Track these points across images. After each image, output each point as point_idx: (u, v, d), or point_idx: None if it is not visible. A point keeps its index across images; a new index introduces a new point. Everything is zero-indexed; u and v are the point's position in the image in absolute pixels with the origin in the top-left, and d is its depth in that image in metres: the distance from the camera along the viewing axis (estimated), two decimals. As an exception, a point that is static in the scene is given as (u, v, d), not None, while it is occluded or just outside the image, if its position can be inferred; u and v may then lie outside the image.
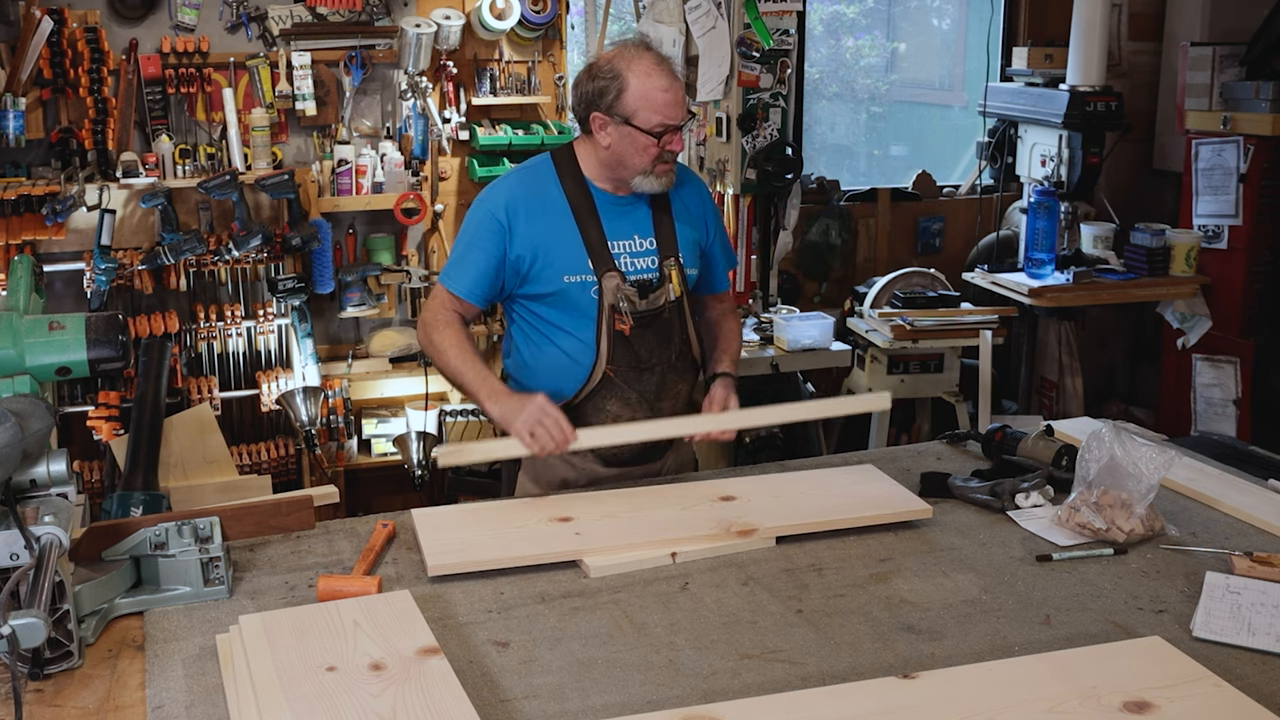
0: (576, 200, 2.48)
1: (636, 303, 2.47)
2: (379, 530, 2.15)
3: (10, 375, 1.89)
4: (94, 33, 3.92)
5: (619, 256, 2.48)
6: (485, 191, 2.55)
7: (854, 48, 6.24)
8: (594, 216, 2.48)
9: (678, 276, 2.52)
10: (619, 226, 2.50)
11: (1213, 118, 4.59)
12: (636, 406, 2.51)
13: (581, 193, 2.50)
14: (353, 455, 4.32)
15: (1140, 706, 1.56)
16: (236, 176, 4.02)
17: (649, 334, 2.49)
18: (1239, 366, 4.61)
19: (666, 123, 2.40)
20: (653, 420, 2.49)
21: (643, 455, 2.59)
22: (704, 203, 2.66)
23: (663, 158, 2.44)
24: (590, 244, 2.46)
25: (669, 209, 2.55)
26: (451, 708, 1.54)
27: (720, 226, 2.72)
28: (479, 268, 2.48)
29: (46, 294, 3.60)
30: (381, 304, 4.40)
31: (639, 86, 2.39)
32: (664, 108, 2.39)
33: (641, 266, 2.50)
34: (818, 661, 1.75)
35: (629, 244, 2.50)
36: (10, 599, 1.54)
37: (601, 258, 2.46)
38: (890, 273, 4.55)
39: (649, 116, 2.39)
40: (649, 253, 2.52)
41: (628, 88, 2.40)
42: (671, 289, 2.51)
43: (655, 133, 2.40)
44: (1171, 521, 2.21)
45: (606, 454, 2.57)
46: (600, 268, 2.45)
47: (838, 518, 2.19)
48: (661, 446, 2.62)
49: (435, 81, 4.33)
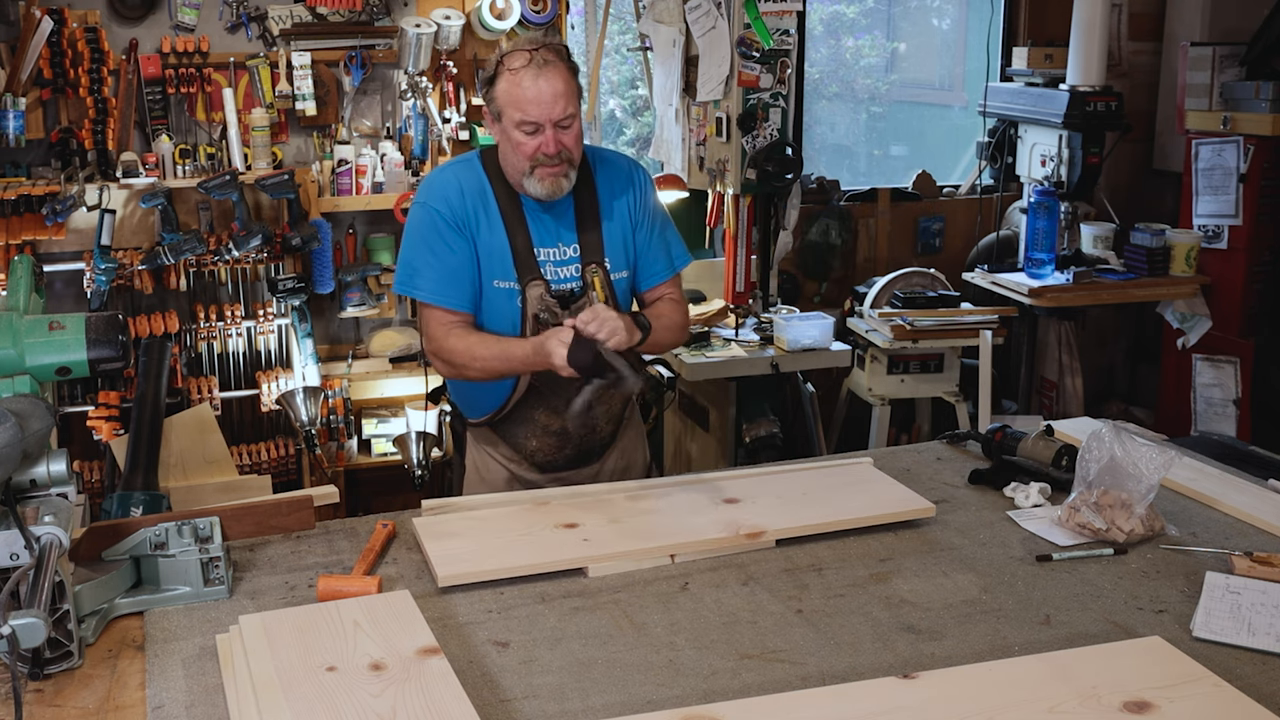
0: (505, 204, 2.41)
1: (559, 313, 2.38)
2: (379, 530, 2.15)
3: (10, 375, 1.89)
4: (94, 33, 3.92)
5: (544, 264, 2.41)
6: (425, 193, 2.44)
7: (854, 48, 6.25)
8: (521, 222, 2.40)
9: (600, 283, 2.43)
10: (544, 233, 2.42)
11: (1213, 118, 4.59)
12: (565, 415, 2.40)
13: (510, 197, 2.42)
14: (353, 455, 4.32)
15: (1140, 706, 1.56)
16: (236, 176, 4.02)
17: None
18: (1239, 366, 4.61)
19: (528, 119, 2.28)
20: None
21: (578, 459, 2.56)
22: (634, 191, 2.50)
23: (538, 160, 2.31)
24: (516, 250, 2.38)
25: (595, 211, 2.45)
26: (451, 708, 1.54)
27: (652, 212, 2.54)
28: (457, 271, 2.39)
29: (46, 294, 3.59)
30: (381, 304, 4.40)
31: (505, 81, 2.30)
32: (528, 104, 2.27)
33: (565, 275, 2.43)
34: (818, 661, 1.75)
35: (554, 251, 2.42)
36: (10, 599, 1.54)
37: (527, 265, 2.39)
38: (890, 273, 4.55)
39: (512, 113, 2.30)
40: (572, 260, 2.44)
41: (497, 82, 2.32)
42: (594, 296, 2.42)
43: (524, 131, 2.29)
44: (1171, 521, 2.21)
45: (541, 460, 2.55)
46: (525, 276, 2.38)
47: (844, 518, 2.19)
48: (598, 450, 2.59)
49: (435, 81, 4.33)
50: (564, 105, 2.30)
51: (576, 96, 2.35)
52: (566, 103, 2.31)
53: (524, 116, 2.29)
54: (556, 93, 2.29)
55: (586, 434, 2.54)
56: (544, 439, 2.53)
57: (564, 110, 2.30)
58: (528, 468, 2.57)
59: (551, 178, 2.34)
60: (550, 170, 2.33)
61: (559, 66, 2.31)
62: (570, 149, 2.34)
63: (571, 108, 2.33)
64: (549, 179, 2.34)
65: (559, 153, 2.32)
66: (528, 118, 2.29)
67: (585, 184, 2.47)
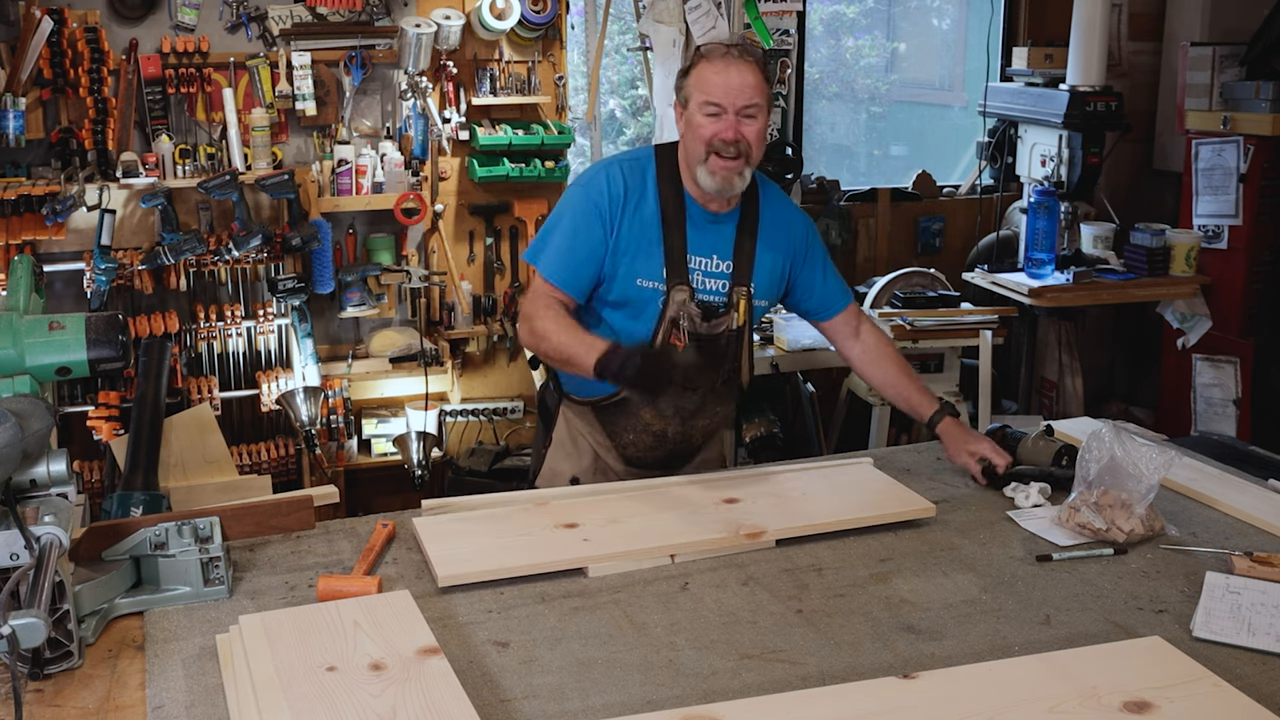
0: (668, 205, 2.41)
1: (698, 323, 2.41)
2: (379, 530, 2.15)
3: (10, 375, 1.89)
4: (94, 33, 3.92)
5: (694, 272, 2.42)
6: (587, 177, 2.47)
7: (854, 48, 6.25)
8: (680, 225, 2.41)
9: (745, 306, 2.45)
10: (702, 242, 2.43)
11: (1213, 118, 4.59)
12: (670, 419, 2.48)
13: (675, 198, 2.42)
14: (353, 455, 4.32)
15: (1140, 706, 1.56)
16: (236, 176, 4.02)
17: (701, 354, 2.42)
18: (1239, 366, 4.61)
19: (711, 101, 2.31)
20: None
21: (667, 462, 2.57)
22: (797, 228, 2.55)
23: (714, 147, 2.33)
24: (670, 252, 2.40)
25: (754, 234, 2.47)
26: (451, 708, 1.54)
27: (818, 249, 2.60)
28: (582, 259, 2.40)
29: (46, 294, 3.60)
30: (381, 304, 4.40)
31: (699, 69, 2.35)
32: (713, 87, 2.31)
33: (712, 288, 2.44)
34: (818, 661, 1.75)
35: (706, 261, 2.44)
36: (10, 599, 1.54)
37: (678, 269, 2.40)
38: (890, 273, 4.55)
39: (699, 95, 2.33)
40: (722, 275, 2.45)
41: (691, 70, 2.36)
42: (735, 317, 2.45)
43: (706, 113, 2.32)
44: (1171, 521, 2.21)
45: (631, 455, 2.56)
46: (673, 279, 2.40)
47: (843, 518, 2.19)
48: (688, 457, 2.60)
49: (435, 81, 4.33)
50: (750, 95, 2.33)
51: (765, 97, 2.37)
52: (753, 94, 2.33)
53: (708, 98, 2.32)
54: (745, 82, 2.32)
55: (682, 441, 2.55)
56: (641, 435, 2.53)
57: (749, 99, 2.33)
58: (616, 458, 2.57)
59: (724, 170, 2.35)
60: (725, 163, 2.34)
61: (751, 63, 2.35)
62: (750, 142, 2.35)
63: (758, 100, 2.34)
64: (721, 171, 2.35)
65: (737, 142, 2.33)
66: (712, 99, 2.32)
67: (750, 205, 2.49)
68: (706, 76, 2.33)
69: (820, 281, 2.61)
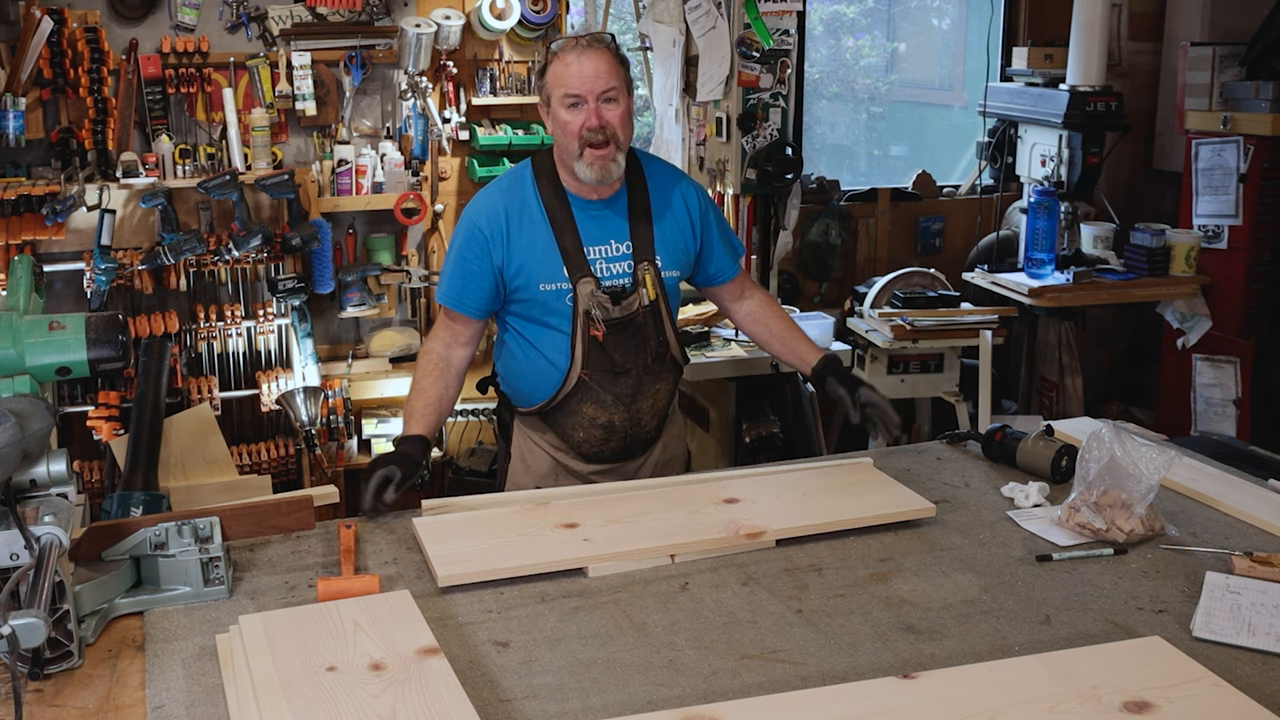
0: (553, 207, 2.47)
1: (610, 309, 2.46)
2: (343, 532, 2.12)
3: (10, 375, 1.89)
4: (94, 33, 3.92)
5: (595, 262, 2.47)
6: (471, 204, 2.55)
7: (854, 48, 6.25)
8: (570, 223, 2.46)
9: (652, 280, 2.50)
10: (596, 231, 2.48)
11: (1213, 118, 4.59)
12: (612, 409, 2.53)
13: (558, 199, 2.48)
14: (353, 455, 4.32)
15: (1140, 706, 1.56)
16: (236, 176, 4.02)
17: (623, 338, 2.48)
18: (1239, 366, 4.61)
19: (570, 93, 2.36)
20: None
21: (624, 452, 2.61)
22: (689, 197, 2.59)
23: (585, 138, 2.37)
24: (566, 251, 2.45)
25: (648, 210, 2.52)
26: (451, 708, 1.54)
27: (712, 216, 2.64)
28: (469, 281, 2.49)
29: (46, 294, 3.60)
30: (381, 304, 4.40)
31: (553, 66, 2.40)
32: (569, 79, 2.36)
33: (617, 271, 2.49)
34: (818, 661, 1.75)
35: (605, 249, 2.49)
36: (10, 599, 1.54)
37: (577, 264, 2.45)
38: (890, 273, 4.55)
39: (558, 91, 2.38)
40: (624, 257, 2.50)
41: (547, 70, 2.42)
42: (645, 294, 2.50)
43: (568, 106, 2.36)
44: (1171, 521, 2.21)
45: (587, 451, 2.59)
46: (575, 274, 2.45)
47: (843, 518, 2.19)
48: (643, 444, 2.63)
49: (435, 81, 4.33)
50: (606, 80, 2.37)
51: (622, 80, 2.41)
52: (609, 78, 2.37)
53: (566, 90, 2.36)
54: (599, 69, 2.36)
55: (632, 428, 2.58)
56: (590, 431, 2.56)
57: (606, 84, 2.37)
58: (573, 457, 2.61)
59: (600, 160, 2.39)
60: (598, 153, 2.38)
61: (603, 49, 2.39)
62: (615, 126, 2.38)
63: (614, 83, 2.38)
64: (597, 161, 2.39)
65: (603, 128, 2.37)
66: (570, 90, 2.36)
67: (637, 182, 2.54)
68: (561, 71, 2.38)
69: (719, 245, 2.64)
